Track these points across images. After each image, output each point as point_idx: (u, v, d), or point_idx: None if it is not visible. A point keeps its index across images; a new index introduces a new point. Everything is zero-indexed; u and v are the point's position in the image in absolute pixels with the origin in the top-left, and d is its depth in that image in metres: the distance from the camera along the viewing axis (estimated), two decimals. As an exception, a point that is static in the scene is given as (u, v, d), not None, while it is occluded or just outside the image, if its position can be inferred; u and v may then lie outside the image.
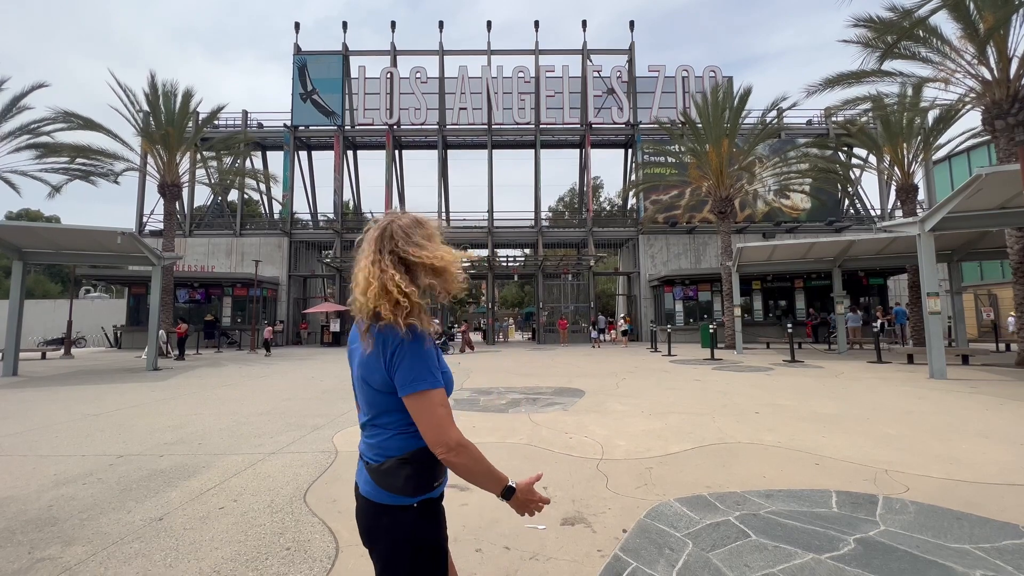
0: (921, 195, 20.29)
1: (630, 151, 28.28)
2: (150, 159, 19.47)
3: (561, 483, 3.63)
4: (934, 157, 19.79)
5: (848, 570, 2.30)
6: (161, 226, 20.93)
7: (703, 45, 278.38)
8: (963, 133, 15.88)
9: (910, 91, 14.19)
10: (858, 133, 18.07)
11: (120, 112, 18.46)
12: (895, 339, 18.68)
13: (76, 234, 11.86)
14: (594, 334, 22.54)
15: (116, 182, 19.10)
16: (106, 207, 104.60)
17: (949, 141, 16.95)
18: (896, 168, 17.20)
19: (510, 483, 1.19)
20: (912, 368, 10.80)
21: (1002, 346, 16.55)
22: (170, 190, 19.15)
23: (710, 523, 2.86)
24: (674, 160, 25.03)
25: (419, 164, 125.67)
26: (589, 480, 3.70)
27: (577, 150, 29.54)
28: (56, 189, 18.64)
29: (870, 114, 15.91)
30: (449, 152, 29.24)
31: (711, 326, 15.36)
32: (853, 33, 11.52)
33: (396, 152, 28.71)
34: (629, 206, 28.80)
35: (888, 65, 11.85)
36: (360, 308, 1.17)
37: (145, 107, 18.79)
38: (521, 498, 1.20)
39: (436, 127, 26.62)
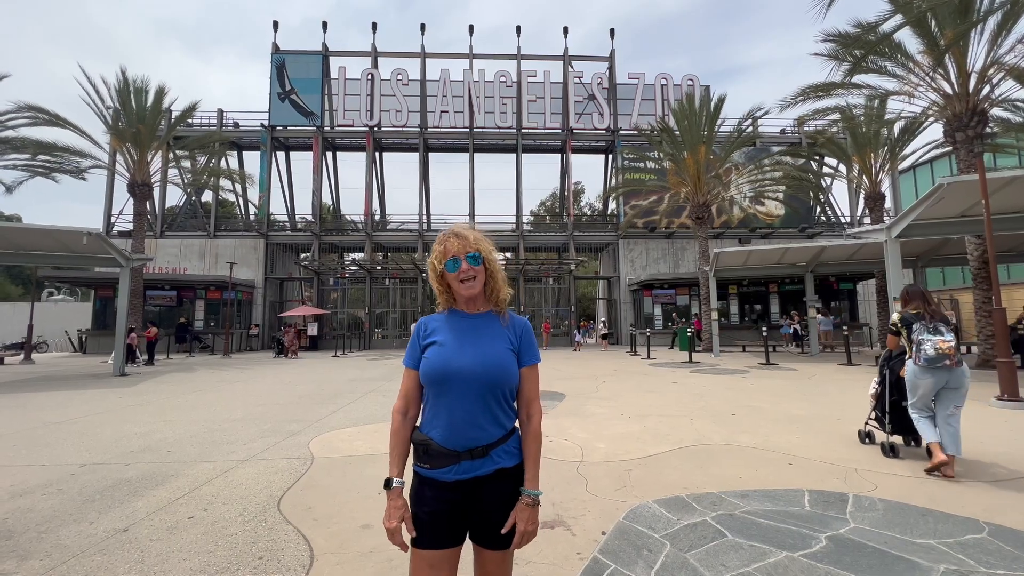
0: (888, 203, 21.08)
1: (610, 157, 28.65)
2: (120, 157, 18.79)
3: (541, 486, 3.60)
4: (900, 167, 20.57)
5: (820, 567, 2.35)
6: (130, 226, 20.26)
7: (691, 53, 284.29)
8: (926, 144, 16.56)
9: (877, 103, 14.74)
10: (828, 143, 18.67)
11: (90, 107, 17.83)
12: (864, 342, 19.31)
13: (38, 234, 11.37)
14: (577, 337, 22.69)
15: (82, 178, 18.37)
16: (72, 206, 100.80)
17: (914, 152, 17.66)
18: (864, 177, 17.82)
19: (393, 479, 1.37)
20: (880, 370, 11.15)
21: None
22: (140, 189, 18.54)
23: (687, 524, 2.89)
24: (654, 166, 25.45)
25: (400, 166, 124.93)
26: (569, 483, 3.70)
27: (558, 155, 29.78)
28: (9, 189, 17.65)
29: (840, 124, 16.46)
30: (430, 155, 29.11)
31: (689, 330, 15.61)
32: (824, 48, 11.90)
33: (376, 154, 28.43)
34: (609, 211, 29.14)
35: (856, 78, 12.27)
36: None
37: (115, 103, 18.19)
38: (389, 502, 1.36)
39: (417, 129, 26.47)
